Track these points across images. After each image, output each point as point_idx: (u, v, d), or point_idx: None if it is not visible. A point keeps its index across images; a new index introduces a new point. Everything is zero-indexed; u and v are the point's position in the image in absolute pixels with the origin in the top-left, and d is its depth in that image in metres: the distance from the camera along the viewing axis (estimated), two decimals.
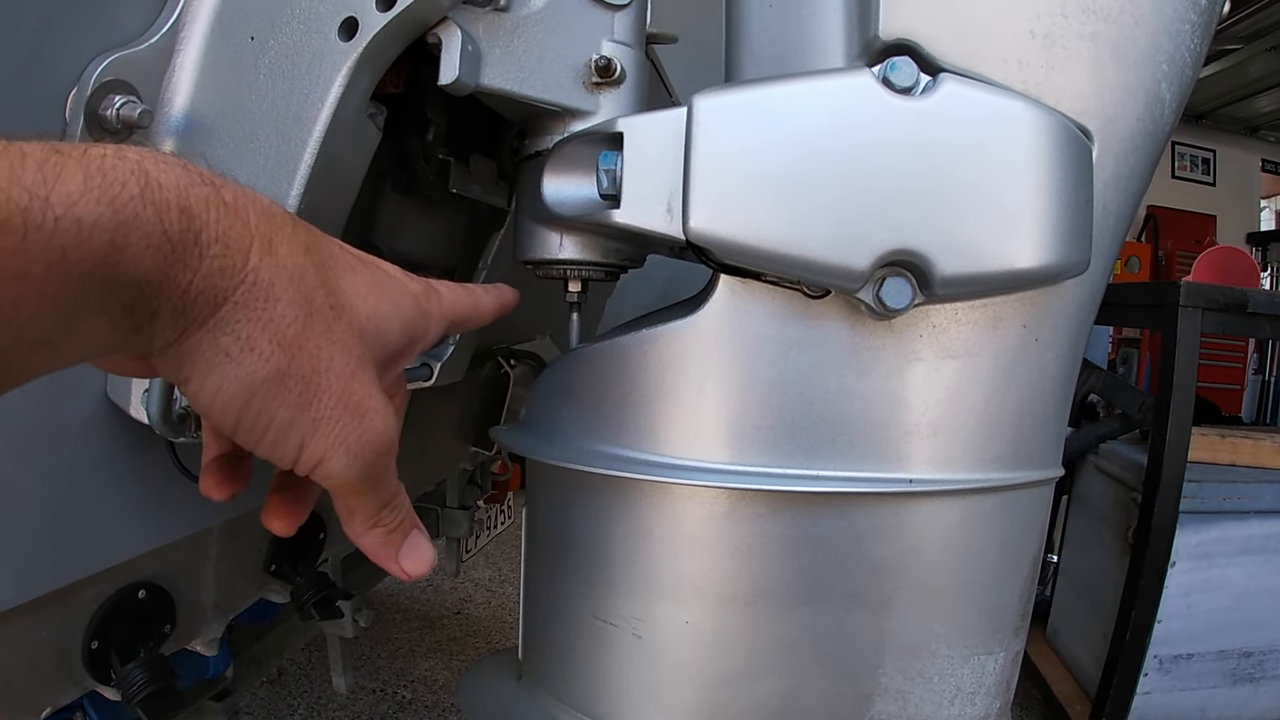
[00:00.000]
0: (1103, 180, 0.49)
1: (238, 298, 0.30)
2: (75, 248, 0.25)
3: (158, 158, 0.28)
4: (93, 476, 0.60)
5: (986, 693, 0.55)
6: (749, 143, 0.43)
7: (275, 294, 0.31)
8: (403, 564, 0.38)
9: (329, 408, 0.33)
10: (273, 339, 0.31)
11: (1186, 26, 0.50)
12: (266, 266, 0.30)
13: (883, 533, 0.49)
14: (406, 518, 0.38)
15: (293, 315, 0.31)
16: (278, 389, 0.31)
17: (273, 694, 2.07)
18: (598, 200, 0.48)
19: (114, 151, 0.27)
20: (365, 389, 0.34)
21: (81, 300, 0.26)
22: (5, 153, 0.24)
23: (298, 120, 0.49)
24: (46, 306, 0.25)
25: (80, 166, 0.25)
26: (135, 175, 0.27)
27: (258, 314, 0.30)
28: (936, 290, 0.44)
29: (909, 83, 0.44)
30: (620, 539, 0.51)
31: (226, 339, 0.30)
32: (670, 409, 0.49)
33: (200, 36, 0.51)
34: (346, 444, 0.33)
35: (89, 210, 0.25)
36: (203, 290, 0.29)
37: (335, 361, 0.33)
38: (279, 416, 0.32)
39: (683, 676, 0.51)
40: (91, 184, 0.25)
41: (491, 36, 0.49)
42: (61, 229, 0.24)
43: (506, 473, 1.58)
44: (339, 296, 0.34)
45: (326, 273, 0.34)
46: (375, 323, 0.36)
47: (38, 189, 0.24)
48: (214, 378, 0.30)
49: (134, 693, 0.70)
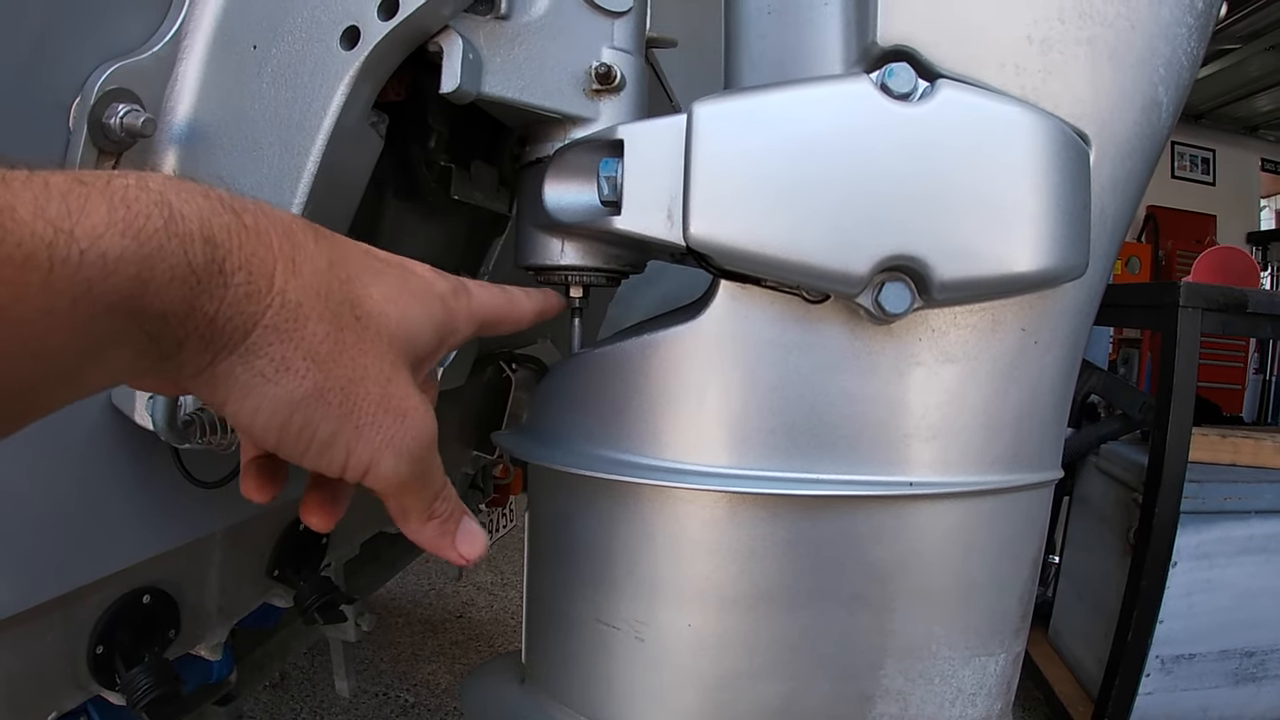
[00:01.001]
0: (1100, 184, 0.50)
1: (267, 321, 0.30)
2: (101, 281, 0.24)
3: (179, 186, 0.28)
4: (97, 482, 0.60)
5: (988, 694, 0.55)
6: (748, 149, 0.43)
7: (304, 312, 0.31)
8: (460, 550, 0.39)
9: (370, 414, 0.33)
10: (307, 356, 0.31)
11: (1183, 30, 0.51)
12: (293, 287, 0.31)
13: (883, 535, 0.49)
14: (456, 506, 0.39)
15: (324, 331, 0.32)
16: (317, 403, 0.32)
17: (275, 698, 2.07)
18: (598, 207, 0.48)
19: (136, 182, 0.27)
20: (402, 390, 0.35)
21: (107, 332, 0.26)
22: (29, 184, 0.24)
23: (300, 128, 0.49)
24: (73, 340, 0.25)
25: (104, 199, 0.25)
26: (159, 207, 0.27)
27: (289, 334, 0.31)
28: (935, 295, 0.44)
29: (907, 89, 0.44)
30: (622, 543, 0.51)
31: (261, 362, 0.30)
32: (672, 413, 0.49)
33: (203, 45, 0.51)
34: (393, 445, 0.34)
35: (114, 244, 0.25)
36: (230, 318, 0.29)
37: (370, 369, 0.33)
38: (321, 429, 0.32)
39: (685, 679, 0.51)
40: (116, 216, 0.25)
41: (492, 45, 0.49)
42: (87, 263, 0.24)
43: (508, 477, 1.58)
44: (367, 305, 0.34)
45: (353, 283, 0.34)
46: (405, 326, 0.36)
47: (62, 222, 0.24)
48: (252, 400, 0.31)
49: (139, 697, 0.70)
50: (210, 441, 0.55)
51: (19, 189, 0.23)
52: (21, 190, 0.23)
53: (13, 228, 0.22)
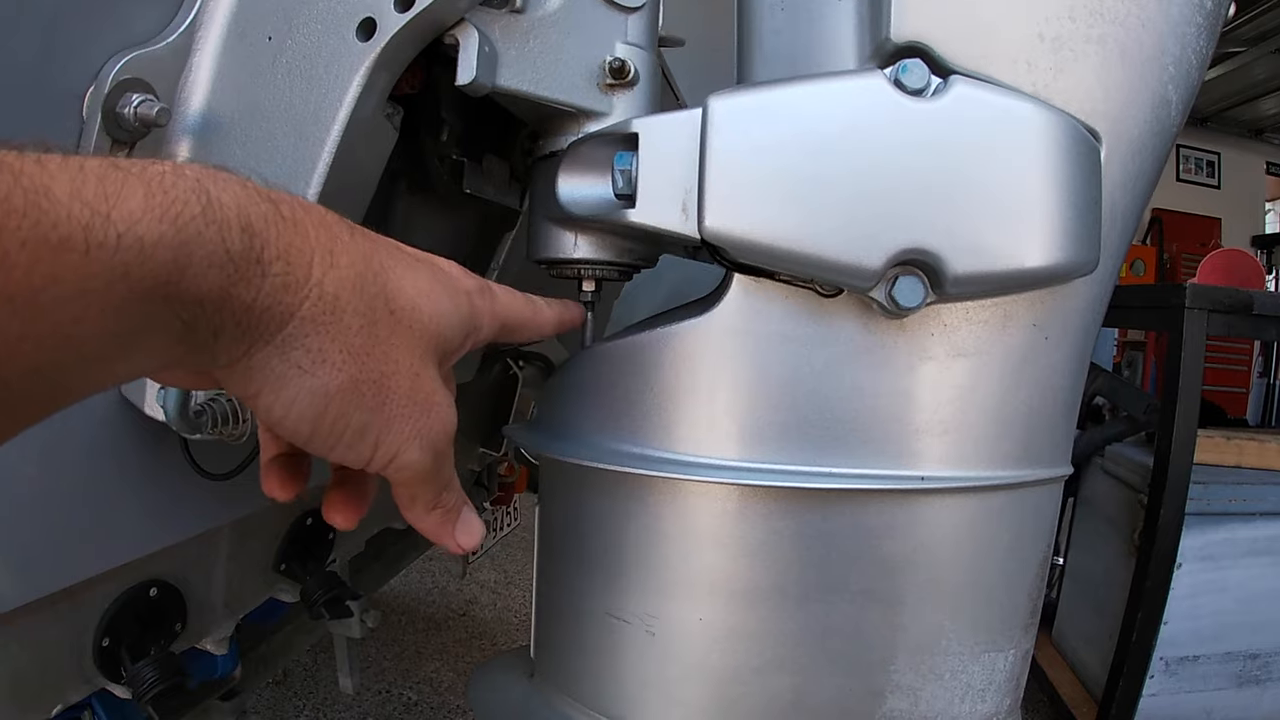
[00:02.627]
0: (1111, 181, 0.50)
1: (304, 312, 0.30)
2: (137, 266, 0.24)
3: (216, 175, 0.28)
4: (105, 474, 0.61)
5: (997, 690, 0.55)
6: (763, 143, 0.43)
7: (341, 305, 0.31)
8: (458, 539, 0.40)
9: (400, 406, 0.34)
10: (343, 349, 0.31)
11: (1192, 29, 0.51)
12: (330, 279, 0.31)
13: (894, 529, 0.49)
14: (460, 497, 0.40)
15: (359, 323, 0.32)
16: (352, 395, 0.32)
17: (279, 694, 2.07)
18: (613, 200, 0.49)
19: (172, 169, 0.27)
20: (430, 384, 0.36)
21: (142, 318, 0.26)
22: (65, 167, 0.23)
23: (315, 120, 0.49)
24: (107, 324, 0.25)
25: (141, 184, 0.25)
26: (196, 193, 0.26)
27: (326, 326, 0.31)
28: (948, 289, 0.44)
29: (920, 84, 0.44)
30: (633, 536, 0.52)
31: (297, 353, 0.30)
32: (684, 406, 0.49)
33: (217, 36, 0.51)
34: (419, 437, 0.35)
35: (151, 228, 0.25)
36: (268, 307, 0.29)
37: (401, 362, 0.34)
38: (354, 420, 0.33)
39: (695, 672, 0.51)
40: (153, 201, 0.25)
41: (508, 38, 0.49)
42: (124, 246, 0.24)
43: (513, 474, 1.58)
44: (400, 299, 0.34)
45: (388, 276, 0.34)
46: (436, 321, 0.36)
47: (99, 205, 0.23)
48: (288, 391, 0.31)
49: (144, 690, 0.70)
50: (222, 432, 0.55)
51: (55, 170, 0.23)
52: (58, 172, 0.23)
53: (49, 208, 0.22)
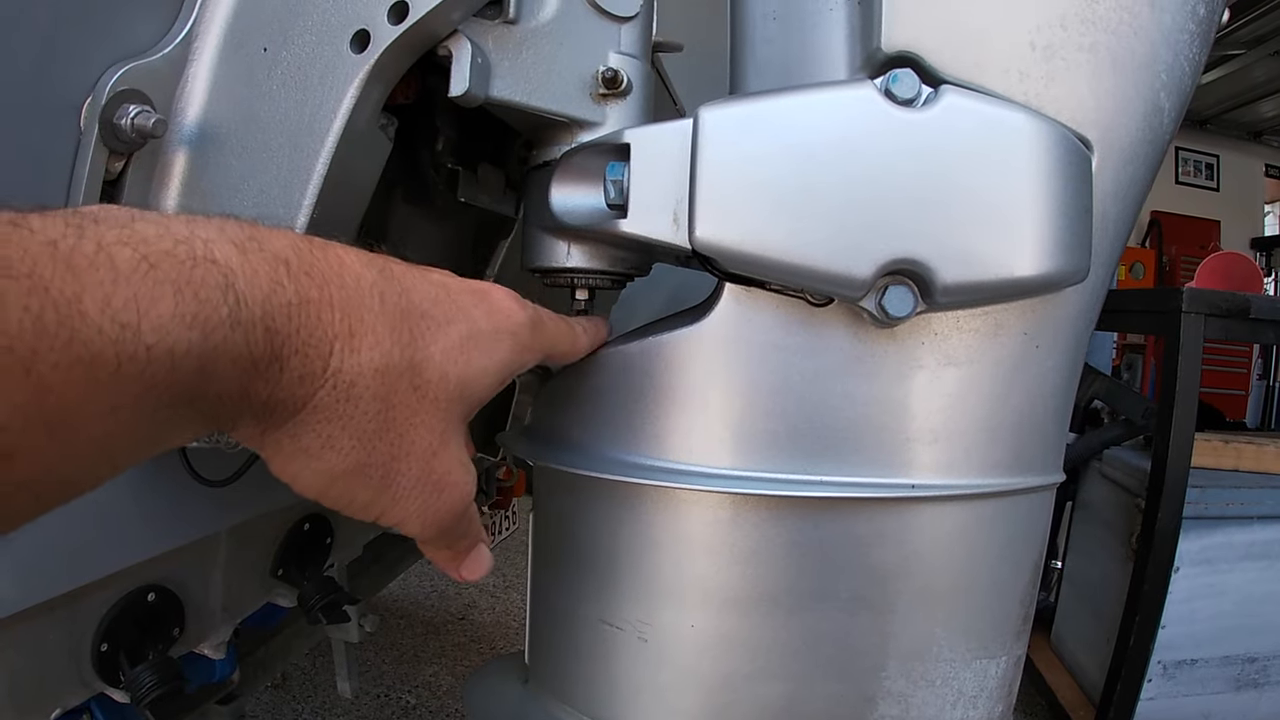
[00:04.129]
0: (1102, 189, 0.50)
1: (317, 401, 0.30)
2: (165, 376, 0.24)
3: (245, 257, 0.28)
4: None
5: (989, 696, 0.55)
6: (753, 153, 0.44)
7: (356, 393, 0.31)
8: (463, 572, 0.41)
9: (407, 487, 0.34)
10: (352, 435, 0.32)
11: (1185, 36, 0.51)
12: (349, 367, 0.31)
13: (885, 537, 0.49)
14: (473, 538, 0.40)
15: (374, 409, 0.32)
16: (357, 477, 0.33)
17: (277, 698, 2.07)
18: (605, 210, 0.49)
19: (203, 256, 0.26)
20: (446, 464, 0.35)
21: (166, 420, 0.26)
22: (95, 267, 0.23)
23: (310, 131, 0.49)
24: (135, 431, 0.25)
25: (171, 284, 0.24)
26: (224, 292, 0.26)
27: (338, 414, 0.31)
28: (938, 298, 0.45)
29: (911, 94, 0.44)
30: (626, 543, 0.52)
31: (307, 438, 0.31)
32: (676, 415, 0.50)
33: (214, 47, 0.52)
34: (423, 515, 0.35)
35: (180, 338, 0.24)
36: (282, 400, 0.29)
37: (417, 444, 0.34)
38: (359, 498, 0.33)
39: (688, 679, 0.51)
40: (183, 307, 0.25)
41: (501, 49, 0.49)
42: (154, 359, 0.24)
43: (511, 478, 1.58)
44: (426, 371, 0.34)
45: (415, 345, 0.34)
46: (464, 385, 0.36)
47: (129, 318, 0.23)
48: (294, 467, 0.32)
49: (143, 695, 0.71)
50: (218, 441, 0.56)
51: (85, 275, 0.22)
52: (88, 276, 0.22)
53: (80, 327, 0.22)
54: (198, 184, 0.51)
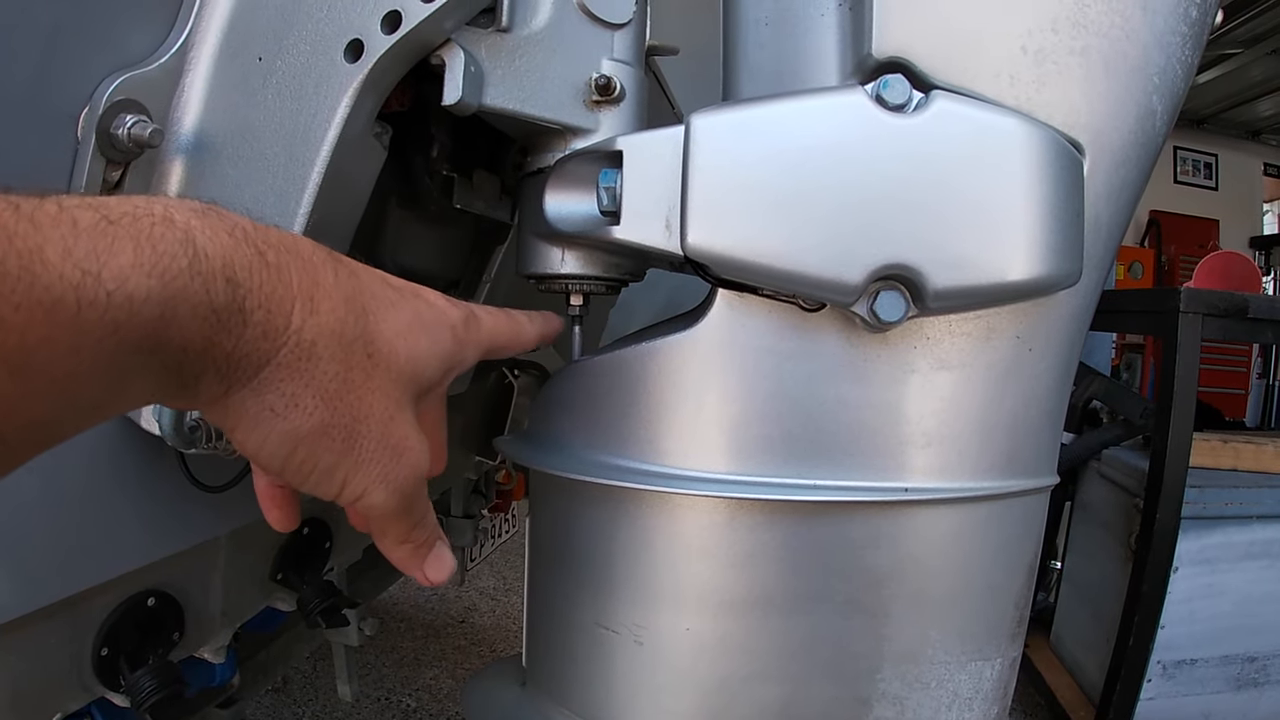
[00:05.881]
0: (1094, 192, 0.50)
1: (281, 358, 0.31)
2: (126, 321, 0.25)
3: (205, 221, 0.29)
4: (103, 486, 0.61)
5: (984, 698, 0.55)
6: (745, 160, 0.44)
7: (317, 352, 0.32)
8: (427, 573, 0.41)
9: (369, 450, 0.35)
10: (316, 394, 0.32)
11: (1177, 39, 0.51)
12: (309, 326, 0.32)
13: (880, 541, 0.50)
14: (432, 532, 0.41)
15: (334, 370, 0.33)
16: (321, 439, 0.33)
17: (278, 702, 2.08)
18: (598, 217, 0.49)
19: (162, 216, 0.27)
20: (402, 429, 0.36)
21: (130, 367, 0.27)
22: (57, 224, 0.24)
23: (305, 139, 0.50)
24: (98, 375, 0.25)
25: (130, 239, 0.26)
26: (183, 245, 0.27)
27: (301, 372, 0.32)
28: (929, 303, 0.45)
29: (901, 100, 0.45)
30: (622, 547, 0.52)
31: (271, 396, 0.31)
32: (670, 420, 0.50)
33: (209, 57, 0.52)
34: (386, 480, 0.36)
35: (140, 285, 0.25)
36: (246, 354, 0.30)
37: (375, 408, 0.35)
38: (322, 461, 0.34)
39: (683, 682, 0.51)
40: (142, 257, 0.26)
41: (494, 57, 0.50)
42: (114, 304, 0.25)
43: (511, 482, 1.58)
44: (378, 342, 0.35)
45: (367, 318, 0.35)
46: (413, 363, 0.37)
47: (90, 264, 0.24)
48: (259, 431, 0.32)
49: (143, 699, 0.71)
50: (216, 446, 0.56)
51: (48, 229, 0.24)
52: (50, 230, 0.24)
53: (41, 272, 0.23)
54: (194, 193, 0.52)
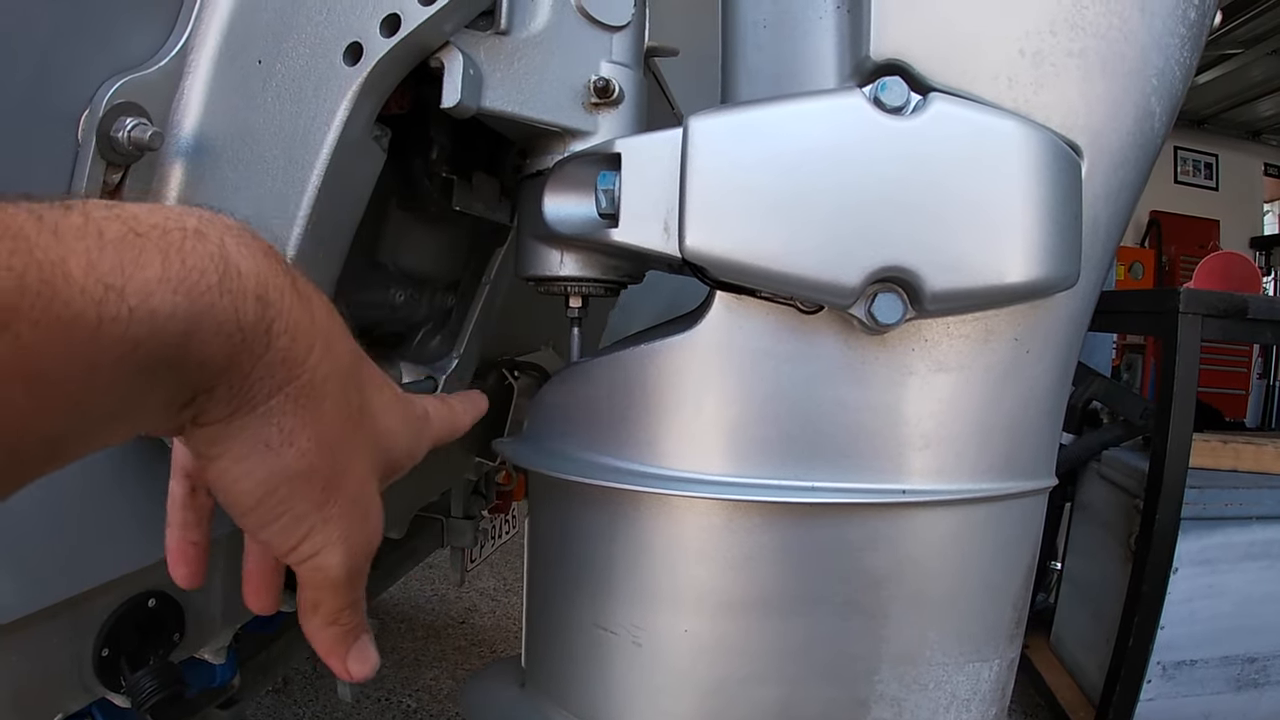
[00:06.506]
0: (1092, 194, 0.50)
1: (291, 390, 0.30)
2: (148, 339, 0.24)
3: (239, 238, 0.28)
4: (104, 488, 0.61)
5: (982, 700, 0.55)
6: (742, 163, 0.44)
7: (325, 392, 0.31)
8: (349, 664, 0.39)
9: (342, 507, 0.34)
10: (313, 436, 0.31)
11: (1175, 40, 0.51)
12: (325, 366, 0.31)
13: (878, 542, 0.50)
14: (361, 620, 0.39)
15: (334, 416, 0.32)
16: (304, 484, 0.32)
17: (278, 702, 2.08)
18: (596, 219, 0.49)
19: (194, 230, 0.26)
20: (372, 494, 0.36)
21: (146, 383, 0.25)
22: (82, 236, 0.23)
23: (305, 142, 0.50)
24: (114, 392, 0.24)
25: (159, 252, 0.24)
26: (214, 260, 0.26)
27: (306, 409, 0.31)
28: (927, 306, 0.45)
29: (899, 102, 0.45)
30: (620, 549, 0.52)
31: (271, 430, 0.30)
32: (668, 422, 0.50)
33: (209, 59, 0.52)
34: (346, 542, 0.35)
35: (165, 301, 0.24)
36: (262, 377, 0.29)
37: (355, 465, 0.34)
38: (296, 508, 0.32)
39: (681, 684, 0.51)
40: (170, 272, 0.24)
41: (493, 60, 0.50)
42: (135, 320, 0.23)
43: (511, 483, 1.58)
44: (369, 409, 0.35)
45: (365, 386, 0.35)
46: (389, 439, 0.37)
47: (114, 279, 0.23)
48: (246, 464, 0.31)
49: (144, 699, 0.71)
50: None
51: (72, 241, 0.23)
52: (74, 243, 0.23)
53: (62, 287, 0.22)
54: (194, 196, 0.52)
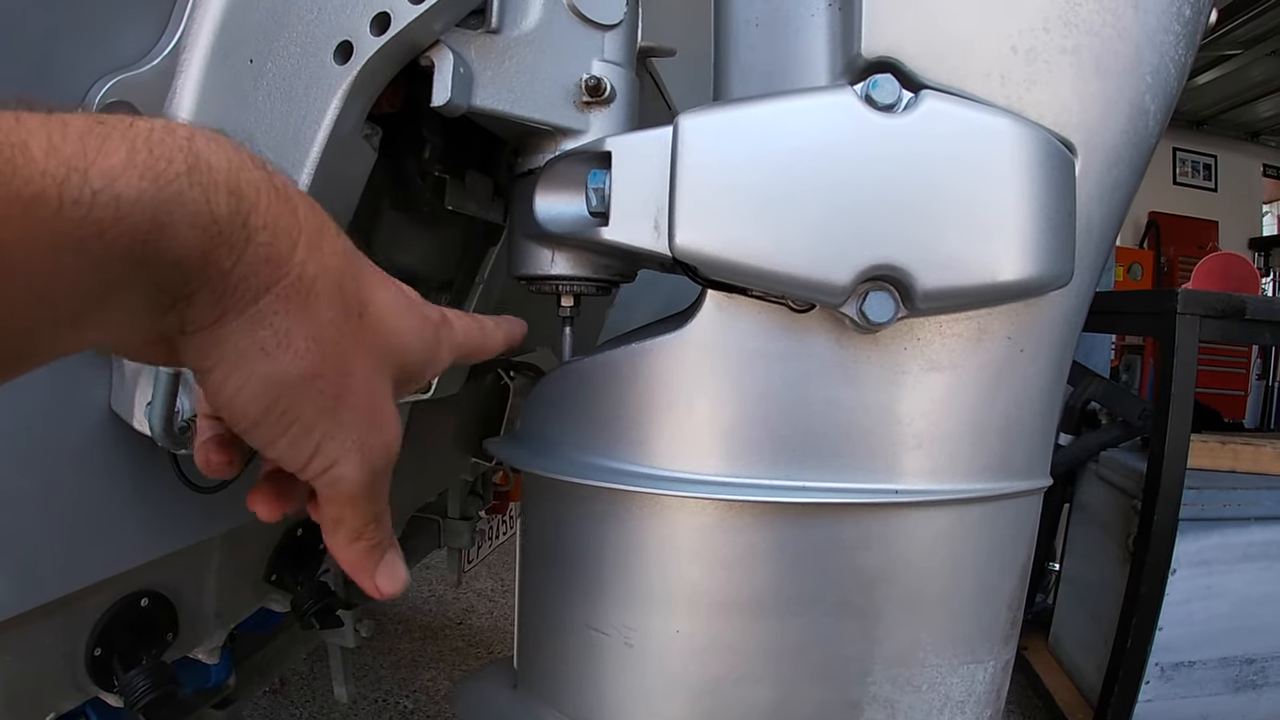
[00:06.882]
0: (1086, 192, 0.50)
1: (280, 290, 0.29)
2: (113, 224, 0.24)
3: (209, 136, 0.27)
4: (97, 486, 0.61)
5: (976, 701, 0.55)
6: (733, 161, 0.44)
7: (318, 291, 0.30)
8: (378, 581, 0.38)
9: (351, 412, 0.32)
10: (309, 337, 0.30)
11: (1170, 38, 0.51)
12: (313, 263, 0.30)
13: (870, 543, 0.50)
14: (387, 535, 0.38)
15: (330, 316, 0.31)
16: (308, 388, 0.31)
17: (274, 703, 2.07)
18: (587, 218, 0.49)
19: (163, 126, 0.26)
20: (384, 399, 0.34)
21: (116, 277, 0.25)
22: (45, 124, 0.23)
23: (295, 141, 0.49)
24: (80, 281, 0.24)
25: (124, 140, 0.24)
26: (183, 152, 0.25)
27: (298, 309, 0.30)
28: (918, 304, 0.45)
29: (891, 100, 0.45)
30: (611, 549, 0.52)
31: (264, 332, 0.29)
32: (660, 422, 0.50)
33: (201, 59, 0.52)
34: (362, 450, 0.33)
35: (130, 186, 0.24)
36: (245, 276, 0.28)
37: (360, 368, 0.33)
38: (303, 416, 0.31)
39: (673, 684, 0.51)
40: (135, 159, 0.24)
41: (483, 58, 0.50)
42: (99, 204, 0.23)
43: (508, 483, 1.58)
44: (371, 307, 0.34)
45: (361, 282, 0.33)
46: (400, 339, 0.36)
47: (76, 161, 0.23)
48: (242, 372, 0.29)
49: (136, 699, 0.71)
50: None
51: (34, 126, 0.22)
52: (37, 128, 0.22)
53: (23, 164, 0.22)
54: None
